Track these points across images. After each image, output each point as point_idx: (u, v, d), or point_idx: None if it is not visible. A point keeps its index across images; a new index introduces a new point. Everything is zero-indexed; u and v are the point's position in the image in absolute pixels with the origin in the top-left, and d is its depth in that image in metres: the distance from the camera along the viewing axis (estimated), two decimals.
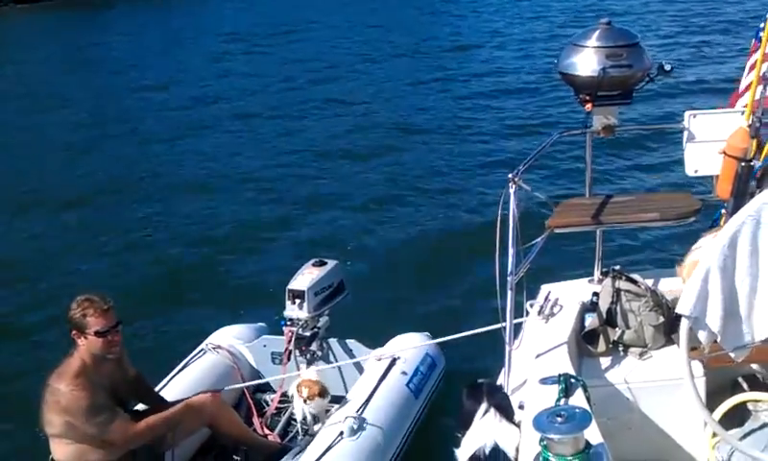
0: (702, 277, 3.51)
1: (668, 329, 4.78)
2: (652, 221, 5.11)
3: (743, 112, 5.30)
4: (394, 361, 6.23)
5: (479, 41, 25.68)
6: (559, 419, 3.13)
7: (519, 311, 4.89)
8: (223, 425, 5.72)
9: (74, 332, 5.01)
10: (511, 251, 4.44)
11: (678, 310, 3.61)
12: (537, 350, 4.55)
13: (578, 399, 3.74)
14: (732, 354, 3.70)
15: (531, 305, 5.15)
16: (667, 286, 5.13)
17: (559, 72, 5.22)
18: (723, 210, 5.23)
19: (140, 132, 17.91)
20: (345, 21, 30.93)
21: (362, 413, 5.56)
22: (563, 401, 3.67)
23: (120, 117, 19.55)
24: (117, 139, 17.41)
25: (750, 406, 4.40)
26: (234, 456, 5.88)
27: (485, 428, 3.89)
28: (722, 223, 5.08)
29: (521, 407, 4.00)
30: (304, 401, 5.94)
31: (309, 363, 6.50)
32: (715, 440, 4.19)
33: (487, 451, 3.84)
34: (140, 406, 5.71)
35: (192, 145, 16.80)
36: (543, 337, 4.71)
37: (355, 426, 5.40)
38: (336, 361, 6.59)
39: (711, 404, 4.16)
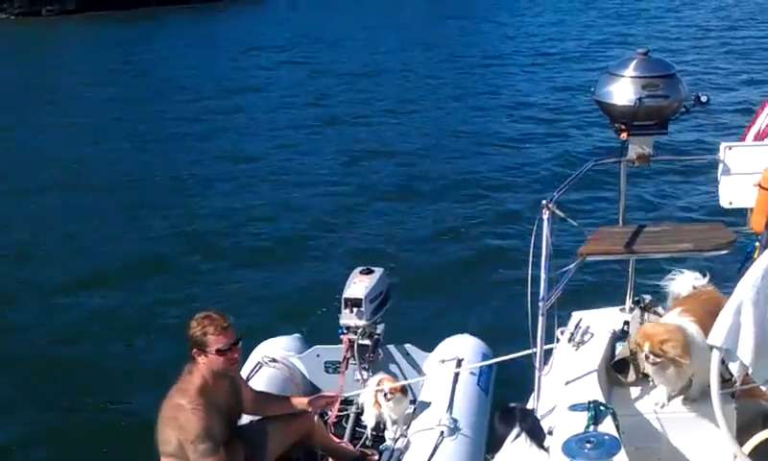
0: (734, 309, 3.50)
1: None
2: (685, 251, 5.09)
3: None
4: (459, 362, 6.31)
5: (517, 63, 25.79)
6: (588, 445, 3.15)
7: (550, 337, 4.90)
8: (313, 436, 5.71)
9: (195, 350, 4.99)
10: (543, 276, 4.45)
11: (709, 342, 3.61)
12: (567, 376, 4.56)
13: (607, 426, 3.74)
14: (764, 388, 3.69)
15: (562, 332, 5.15)
16: None
17: (595, 100, 5.24)
18: (757, 243, 5.21)
19: (173, 142, 18.26)
20: (383, 35, 31.26)
21: (452, 413, 5.64)
22: (592, 428, 3.68)
23: (166, 123, 20.04)
24: (154, 147, 17.77)
25: None
26: None
27: (515, 452, 3.90)
28: (755, 256, 5.06)
29: (551, 433, 4.00)
30: (386, 398, 5.85)
31: (367, 370, 6.51)
32: None
33: None
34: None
35: (216, 151, 17.20)
36: (574, 364, 4.71)
37: (452, 426, 5.51)
38: (397, 366, 6.66)
39: (742, 438, 4.12)
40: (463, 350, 6.54)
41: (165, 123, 20.19)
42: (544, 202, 4.60)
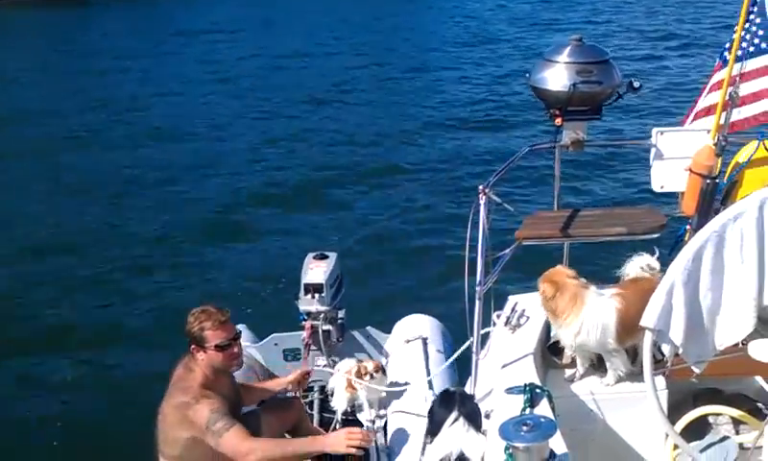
0: (666, 291, 3.56)
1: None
2: (618, 235, 5.17)
3: (709, 131, 5.40)
4: (425, 341, 6.32)
5: (452, 49, 25.86)
6: (525, 428, 3.17)
7: (487, 321, 4.94)
8: (301, 426, 5.56)
9: (193, 347, 4.80)
10: (480, 261, 4.48)
11: (641, 323, 3.67)
12: (503, 360, 4.59)
13: (543, 408, 3.79)
14: (695, 368, 3.76)
15: (498, 316, 5.19)
16: None
17: (530, 86, 5.28)
18: (688, 226, 5.31)
19: (109, 137, 17.86)
20: (316, 23, 31.09)
21: (434, 391, 5.58)
22: (528, 411, 3.72)
23: (100, 106, 19.75)
24: (96, 138, 17.38)
25: (710, 419, 4.48)
26: None
27: (452, 437, 3.92)
28: (686, 239, 5.16)
29: (488, 416, 4.03)
30: (372, 377, 5.72)
31: (329, 355, 6.43)
32: (676, 452, 4.25)
33: (452, 460, 3.87)
34: None
35: (153, 135, 16.92)
36: (510, 347, 4.75)
37: None
38: (361, 348, 6.63)
39: (673, 417, 4.22)
40: (423, 329, 6.57)
41: (99, 106, 19.83)
42: (480, 187, 4.63)
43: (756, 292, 3.58)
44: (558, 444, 3.31)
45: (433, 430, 4.05)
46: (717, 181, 5.02)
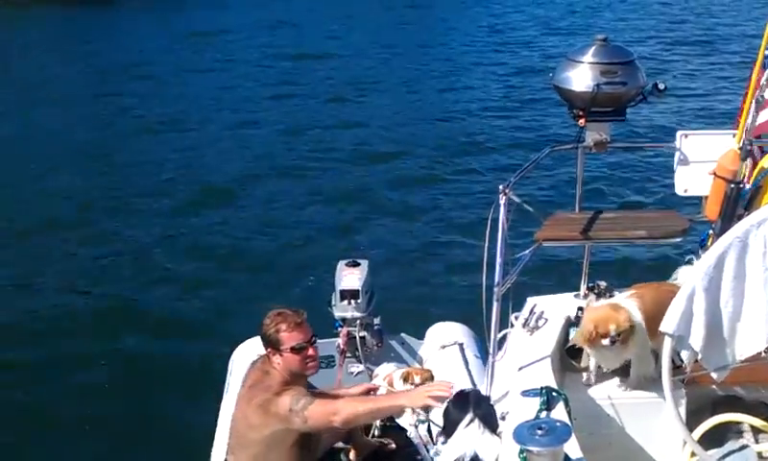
0: (686, 296, 3.52)
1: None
2: (639, 238, 5.12)
3: (734, 135, 5.33)
4: (461, 346, 6.31)
5: (475, 48, 25.80)
6: (539, 432, 3.14)
7: (505, 322, 4.91)
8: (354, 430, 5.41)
9: (269, 350, 4.74)
10: (498, 261, 4.44)
11: (661, 328, 3.62)
12: (520, 362, 4.56)
13: (559, 412, 3.75)
14: (714, 375, 3.72)
15: (516, 317, 5.16)
16: None
17: (553, 86, 5.22)
18: (710, 231, 5.24)
19: (130, 131, 17.90)
20: (338, 23, 31.12)
21: None
22: (544, 414, 3.68)
23: (122, 104, 19.83)
24: (106, 145, 17.32)
25: (730, 427, 4.42)
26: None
27: (467, 438, 3.89)
28: (709, 244, 5.10)
29: (503, 418, 4.01)
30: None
31: (363, 361, 6.39)
32: (694, 459, 4.20)
33: None
34: None
35: (172, 148, 16.78)
36: (527, 349, 4.71)
37: None
38: (398, 354, 6.59)
39: (692, 424, 4.17)
40: (457, 335, 6.55)
41: (121, 104, 19.94)
42: (501, 187, 4.59)
43: None
44: (573, 448, 3.28)
45: (448, 431, 4.03)
46: (741, 185, 4.96)
